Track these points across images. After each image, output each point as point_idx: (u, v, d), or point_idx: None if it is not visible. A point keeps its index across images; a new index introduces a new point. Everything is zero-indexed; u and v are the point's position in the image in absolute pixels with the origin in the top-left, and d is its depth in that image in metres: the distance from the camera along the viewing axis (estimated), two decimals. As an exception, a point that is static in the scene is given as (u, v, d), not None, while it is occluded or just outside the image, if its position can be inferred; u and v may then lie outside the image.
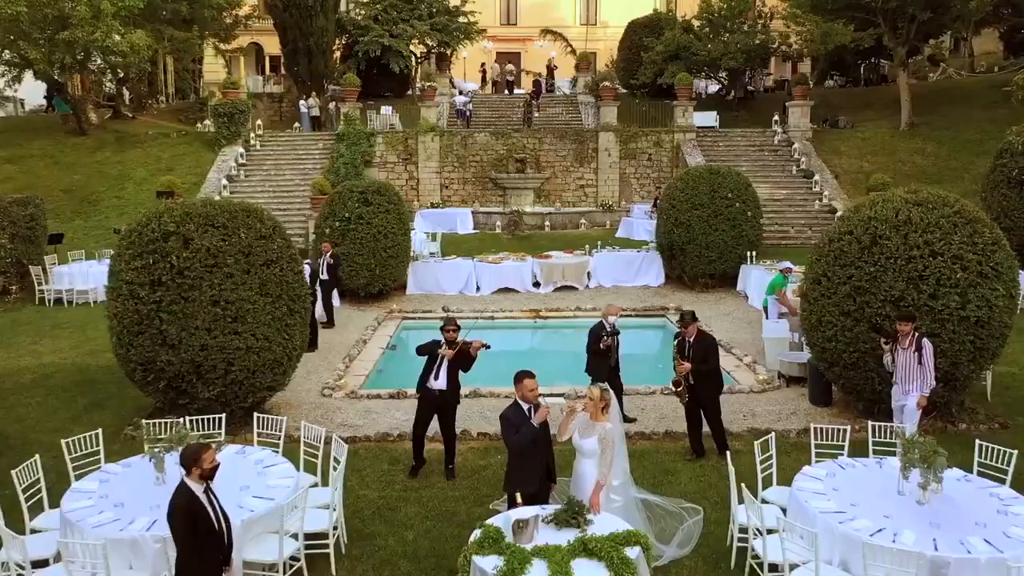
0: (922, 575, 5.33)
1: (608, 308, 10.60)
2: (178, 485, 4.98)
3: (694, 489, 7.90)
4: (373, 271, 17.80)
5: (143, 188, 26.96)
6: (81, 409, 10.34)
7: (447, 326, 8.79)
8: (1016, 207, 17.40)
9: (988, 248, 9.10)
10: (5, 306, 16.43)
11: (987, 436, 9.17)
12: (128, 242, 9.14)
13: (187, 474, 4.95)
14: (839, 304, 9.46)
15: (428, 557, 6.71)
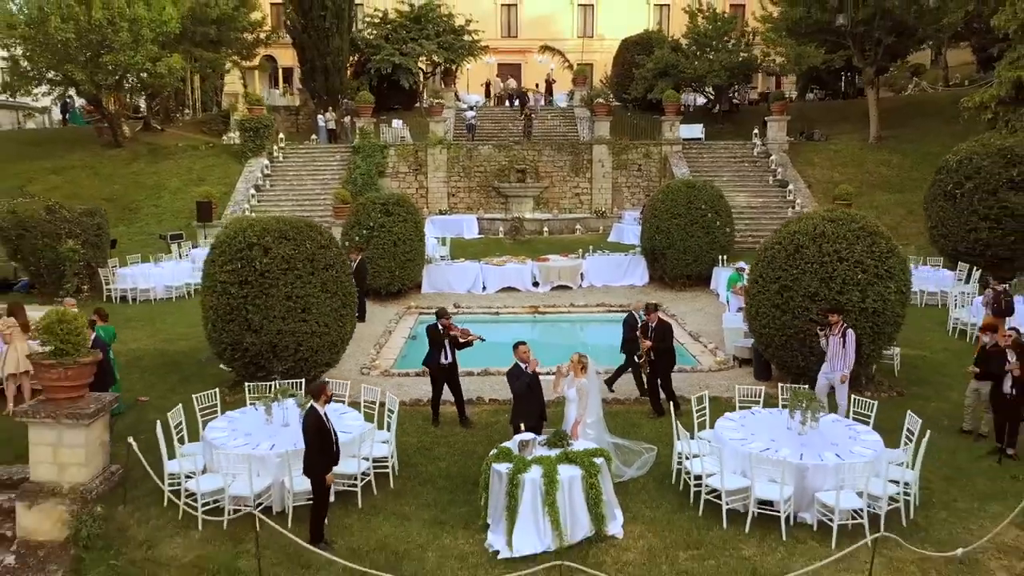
0: (789, 477, 8.03)
1: (637, 303, 13.07)
2: (309, 409, 7.68)
3: (653, 436, 10.56)
4: (393, 273, 20.50)
5: (178, 197, 29.68)
6: (175, 382, 13.01)
7: (443, 319, 11.47)
8: (951, 217, 20.07)
9: (883, 255, 11.79)
10: (79, 303, 19.04)
11: (885, 400, 11.92)
12: (220, 251, 11.81)
13: (316, 400, 7.65)
14: (771, 299, 12.16)
15: (456, 477, 9.40)
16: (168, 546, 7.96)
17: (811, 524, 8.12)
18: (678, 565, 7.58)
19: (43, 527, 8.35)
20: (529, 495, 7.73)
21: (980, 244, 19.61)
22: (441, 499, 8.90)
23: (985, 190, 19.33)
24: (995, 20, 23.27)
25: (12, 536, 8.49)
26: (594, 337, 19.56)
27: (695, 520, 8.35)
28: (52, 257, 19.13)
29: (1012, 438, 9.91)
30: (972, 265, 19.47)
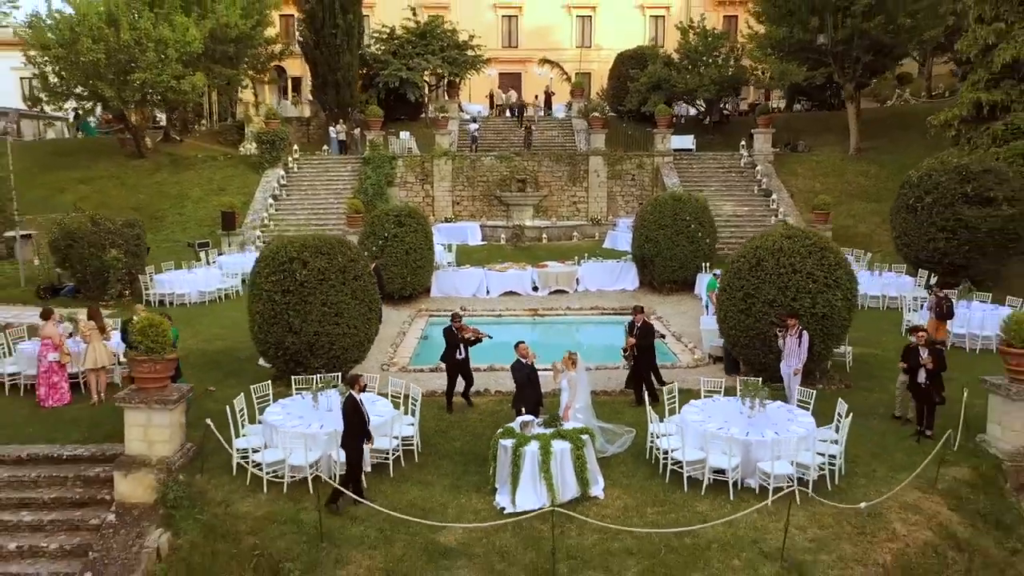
0: (737, 450, 10.03)
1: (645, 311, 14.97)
2: (348, 396, 9.68)
3: (633, 421, 12.53)
4: (405, 278, 22.52)
5: (200, 206, 31.69)
6: (223, 376, 14.98)
7: (455, 321, 13.49)
8: (912, 228, 22.08)
9: (832, 267, 13.80)
10: (122, 307, 21.08)
11: (834, 392, 13.92)
12: (265, 263, 13.81)
13: (352, 388, 9.65)
14: (736, 305, 14.17)
15: (469, 453, 11.40)
16: (242, 505, 9.97)
17: (754, 488, 10.14)
18: (646, 517, 9.59)
19: (136, 492, 10.35)
20: (529, 463, 9.74)
21: (938, 253, 21.63)
22: (456, 470, 10.92)
23: (943, 204, 21.34)
24: (958, 44, 25.27)
25: (110, 500, 10.49)
26: (588, 337, 21.61)
27: (662, 485, 10.36)
28: (97, 265, 21.17)
29: (930, 420, 11.91)
30: (930, 271, 21.50)
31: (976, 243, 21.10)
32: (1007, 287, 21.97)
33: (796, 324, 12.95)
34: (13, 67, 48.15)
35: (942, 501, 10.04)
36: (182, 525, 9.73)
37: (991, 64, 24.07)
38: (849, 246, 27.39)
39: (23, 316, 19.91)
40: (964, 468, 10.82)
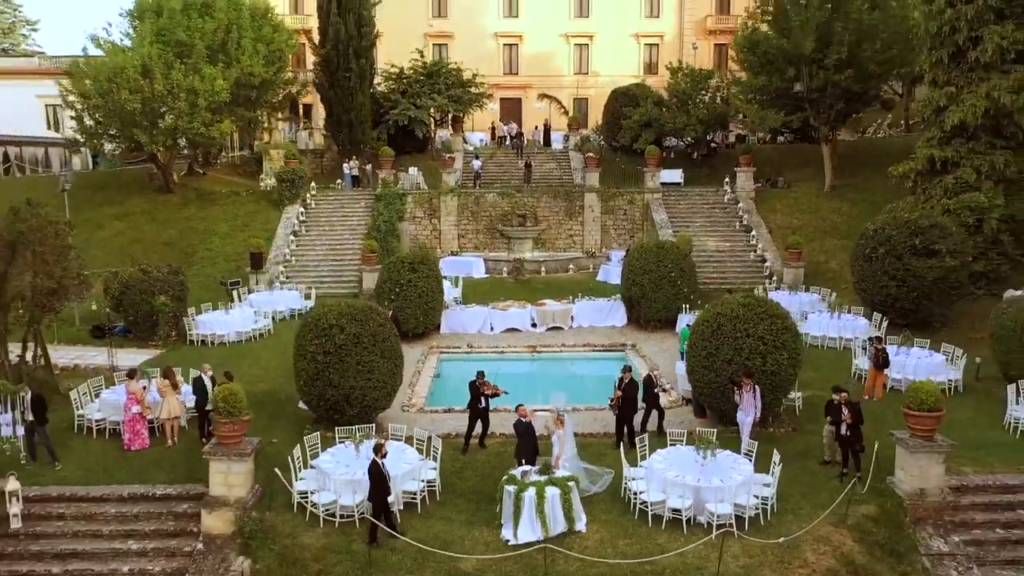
0: (690, 494, 12.86)
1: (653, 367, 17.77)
2: (372, 461, 12.49)
3: (612, 462, 15.35)
4: (418, 318, 25.36)
5: (227, 242, 34.51)
6: (269, 419, 17.75)
7: (480, 378, 16.27)
8: (868, 276, 24.90)
9: (779, 332, 16.62)
10: (170, 346, 23.93)
11: (783, 435, 16.76)
12: (308, 328, 16.64)
13: (376, 455, 12.47)
14: (700, 361, 17.00)
15: (480, 492, 14.22)
16: (305, 537, 12.80)
17: (703, 524, 12.96)
18: (618, 548, 12.42)
19: (218, 525, 13.17)
20: (527, 506, 12.56)
21: (890, 298, 24.45)
22: (471, 507, 13.75)
23: (894, 255, 24.15)
24: (915, 103, 28.02)
25: (197, 531, 13.31)
26: (581, 370, 24.49)
27: (632, 521, 13.20)
28: (147, 309, 24.00)
29: (856, 463, 14.72)
30: (883, 314, 24.34)
31: (923, 290, 23.92)
32: (954, 325, 24.93)
33: (750, 382, 15.78)
34: (38, 95, 51.03)
35: (849, 534, 12.86)
36: (259, 553, 12.56)
37: (943, 124, 26.82)
38: (819, 283, 30.41)
39: (86, 357, 22.76)
40: (872, 506, 13.64)
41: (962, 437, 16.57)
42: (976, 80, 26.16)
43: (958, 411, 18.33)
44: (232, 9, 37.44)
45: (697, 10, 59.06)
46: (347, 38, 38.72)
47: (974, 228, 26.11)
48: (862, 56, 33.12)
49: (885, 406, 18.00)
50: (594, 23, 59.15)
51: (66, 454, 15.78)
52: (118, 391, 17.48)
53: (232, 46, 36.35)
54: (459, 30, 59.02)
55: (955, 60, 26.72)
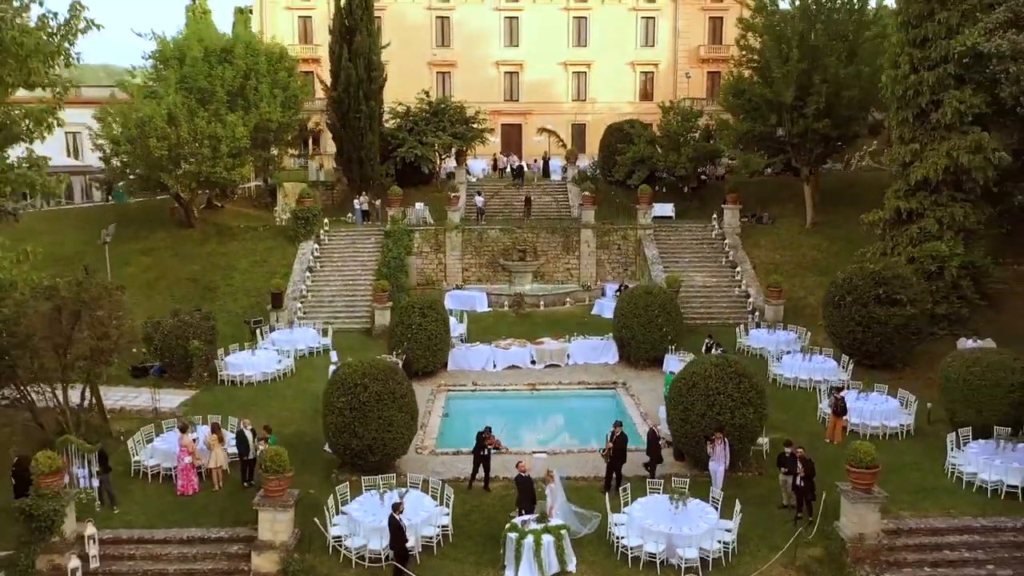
0: (663, 540, 15.31)
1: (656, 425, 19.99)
2: (391, 517, 14.92)
3: (599, 506, 17.79)
4: (428, 358, 27.82)
5: (248, 277, 36.95)
6: (299, 464, 20.09)
7: (487, 432, 18.71)
8: (837, 321, 27.36)
9: (746, 390, 19.06)
10: (203, 387, 26.38)
11: (750, 479, 19.21)
12: (336, 386, 19.08)
13: (395, 512, 14.93)
14: (678, 415, 19.46)
15: (487, 534, 16.67)
16: (340, 577, 15.28)
17: (675, 565, 15.40)
18: (602, 587, 14.90)
19: (266, 565, 15.62)
20: (527, 551, 15.01)
21: (857, 342, 26.90)
22: (478, 549, 16.20)
23: (860, 303, 26.59)
24: (884, 159, 30.47)
25: (248, 570, 15.77)
26: (576, 404, 26.99)
27: (615, 562, 15.65)
28: (181, 353, 26.45)
29: (808, 508, 17.16)
30: (851, 356, 26.81)
31: (886, 335, 26.37)
32: (917, 365, 27.35)
33: (721, 436, 18.24)
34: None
35: (796, 574, 15.30)
36: (303, 590, 15.03)
37: (909, 178, 29.25)
38: (799, 319, 32.85)
39: (128, 398, 25.17)
40: (819, 548, 16.10)
41: (906, 481, 19.16)
42: (938, 139, 28.59)
43: (907, 455, 20.89)
44: (250, 55, 39.93)
45: (690, 40, 61.59)
46: (357, 81, 41.17)
47: (936, 274, 28.60)
48: (839, 105, 35.58)
49: (842, 450, 20.45)
50: (591, 52, 61.67)
51: (127, 497, 18.24)
52: (168, 439, 19.95)
53: (251, 92, 38.81)
54: (461, 59, 61.56)
55: (919, 120, 29.14)
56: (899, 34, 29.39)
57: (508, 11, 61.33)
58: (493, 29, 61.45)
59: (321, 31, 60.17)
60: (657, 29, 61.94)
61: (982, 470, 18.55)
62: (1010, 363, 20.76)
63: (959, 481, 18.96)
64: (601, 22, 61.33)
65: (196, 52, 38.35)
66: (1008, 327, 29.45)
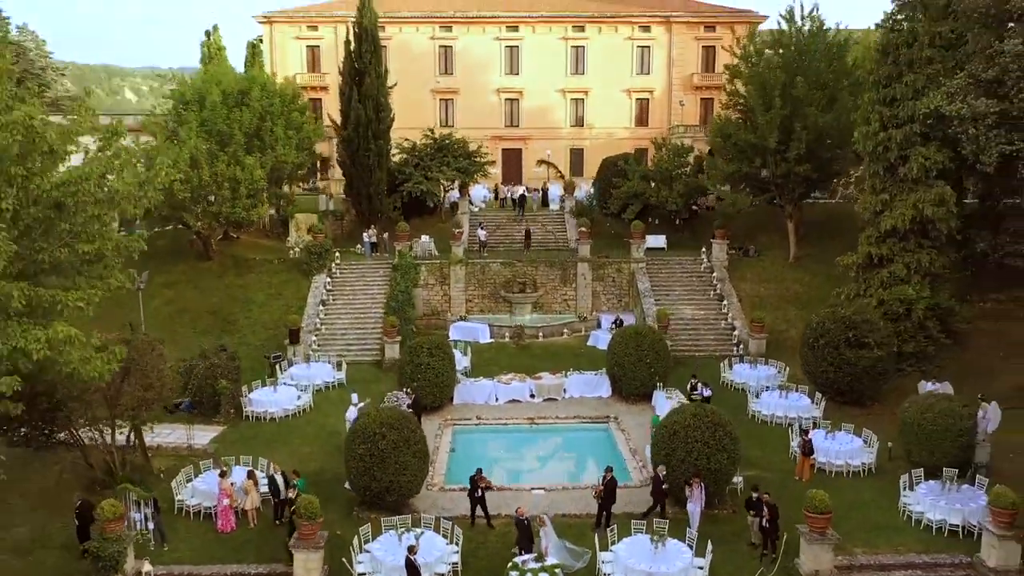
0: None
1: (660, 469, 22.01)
2: (407, 558, 17.35)
3: (590, 543, 20.19)
4: (435, 394, 30.24)
5: (265, 310, 39.35)
6: (323, 500, 22.45)
7: (478, 474, 21.12)
8: (811, 362, 29.76)
9: (721, 438, 21.48)
10: (230, 423, 28.80)
11: (725, 516, 21.63)
12: (357, 434, 21.49)
13: (409, 553, 17.36)
14: (662, 459, 21.87)
15: (491, 570, 19.10)
16: (365, 609, 17.70)
17: (655, 599, 17.86)
18: (591, 619, 17.33)
19: (301, 598, 18.05)
20: (526, 587, 17.47)
21: (830, 380, 29.31)
22: (484, 583, 18.66)
23: (831, 346, 28.98)
24: (857, 207, 32.92)
25: (284, 602, 18.19)
26: (572, 437, 29.41)
27: (602, 596, 18.10)
28: (210, 392, 28.87)
29: (773, 547, 19.58)
30: (824, 394, 29.24)
31: (855, 375, 28.78)
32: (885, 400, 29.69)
33: (698, 480, 20.67)
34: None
35: (759, 607, 17.73)
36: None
37: (879, 225, 31.65)
38: (781, 351, 35.27)
39: (163, 434, 27.49)
40: (780, 583, 18.54)
41: (864, 519, 21.58)
42: (906, 190, 31.01)
43: (867, 492, 23.30)
44: (265, 97, 42.35)
45: (684, 68, 64.06)
46: (366, 121, 43.60)
47: (904, 315, 31.02)
48: (819, 150, 38.01)
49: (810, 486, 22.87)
50: (589, 79, 64.21)
51: (174, 535, 20.65)
52: (207, 479, 22.39)
53: (266, 133, 41.23)
54: (464, 86, 64.10)
55: (888, 172, 31.56)
56: (871, 92, 31.78)
57: (509, 40, 63.83)
58: (494, 57, 63.99)
59: (328, 60, 62.94)
60: (652, 57, 64.41)
61: (928, 510, 20.95)
62: (959, 410, 23.21)
63: (909, 519, 21.35)
64: (598, 51, 63.85)
65: (215, 96, 40.72)
66: (971, 363, 31.88)
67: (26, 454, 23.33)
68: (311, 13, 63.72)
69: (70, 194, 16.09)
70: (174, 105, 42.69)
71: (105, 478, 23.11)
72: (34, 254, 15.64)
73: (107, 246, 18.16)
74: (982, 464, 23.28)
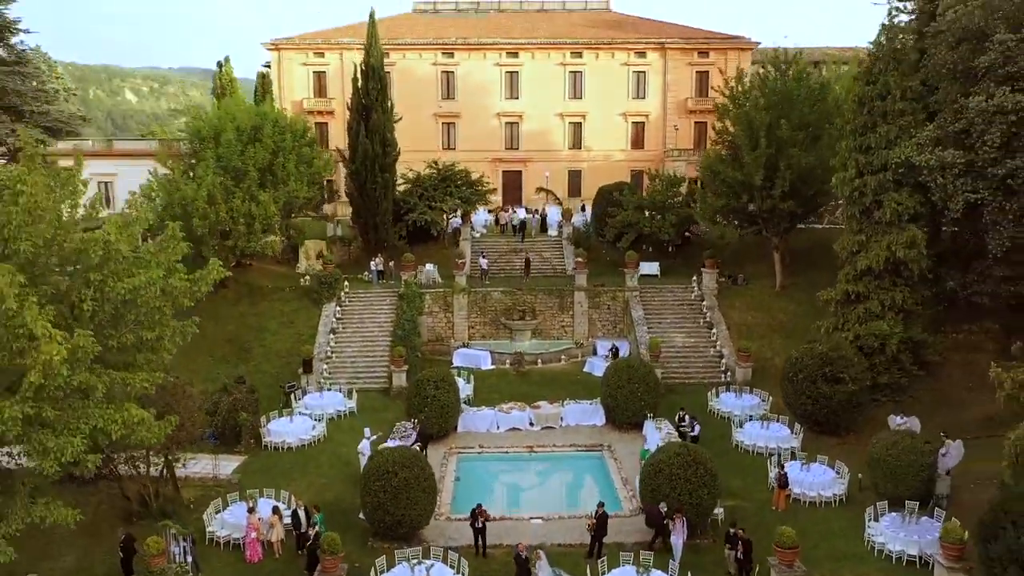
0: (631, 606, 19.99)
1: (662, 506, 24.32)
2: None
3: (582, 572, 22.38)
4: (440, 424, 32.44)
5: (278, 338, 41.52)
6: (341, 530, 24.64)
7: (479, 507, 23.33)
8: (791, 394, 31.90)
9: (702, 475, 23.68)
10: (250, 453, 30.99)
11: (706, 546, 23.84)
12: (372, 472, 23.69)
13: None
14: (649, 494, 24.07)
15: (494, 598, 21.34)
16: (382, 635, 19.91)
17: (639, 625, 20.06)
18: (583, 644, 19.55)
19: (324, 624, 20.26)
20: (525, 615, 19.68)
21: (808, 412, 31.50)
22: (488, 610, 20.86)
23: (809, 380, 31.15)
24: (836, 245, 35.10)
25: (309, 628, 20.42)
26: (568, 465, 31.64)
27: (593, 622, 20.31)
28: (232, 424, 31.06)
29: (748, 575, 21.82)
30: (803, 424, 31.45)
31: (831, 408, 30.95)
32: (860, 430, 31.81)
33: (680, 515, 22.87)
34: (93, 172, 58.12)
35: (732, 633, 19.92)
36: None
37: (856, 264, 33.81)
38: (766, 380, 37.42)
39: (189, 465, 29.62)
40: (753, 610, 20.73)
41: (832, 548, 23.78)
42: (880, 233, 33.14)
43: (837, 522, 25.49)
44: (276, 133, 44.54)
45: (679, 92, 66.18)
46: (373, 156, 45.79)
47: (879, 349, 33.16)
48: (803, 187, 40.20)
49: (785, 517, 25.13)
50: (586, 104, 66.33)
51: (207, 564, 22.86)
52: (234, 511, 24.62)
53: (279, 168, 43.43)
54: (465, 110, 66.27)
55: (864, 215, 33.68)
56: (848, 140, 33.95)
57: (509, 66, 65.95)
58: (495, 83, 66.10)
59: (334, 85, 65.22)
60: (647, 82, 66.49)
61: (890, 541, 23.14)
62: (921, 447, 25.42)
63: (872, 549, 23.53)
64: (595, 76, 65.95)
65: (229, 134, 42.89)
66: (943, 393, 34.03)
67: (67, 487, 25.51)
68: (317, 40, 65.82)
69: (139, 295, 18.51)
70: (190, 140, 44.84)
71: (140, 509, 25.36)
72: (104, 340, 17.91)
73: (166, 332, 20.44)
74: (942, 496, 25.47)
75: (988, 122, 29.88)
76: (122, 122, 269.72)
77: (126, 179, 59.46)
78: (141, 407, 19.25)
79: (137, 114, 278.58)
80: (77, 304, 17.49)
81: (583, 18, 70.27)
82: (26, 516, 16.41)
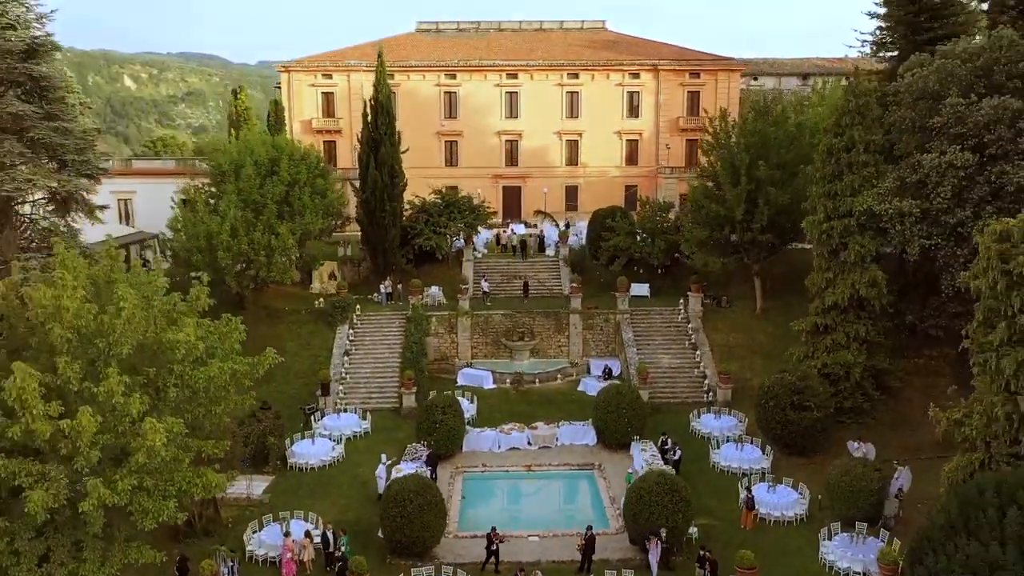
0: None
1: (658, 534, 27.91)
2: None
3: (574, 586, 26.00)
4: (448, 446, 36.02)
5: (297, 360, 44.94)
6: (361, 548, 28.28)
7: (493, 531, 26.92)
8: (763, 420, 35.45)
9: (678, 501, 27.24)
10: (278, 473, 34.55)
11: (681, 562, 27.45)
12: (390, 499, 27.24)
13: None
14: (631, 518, 27.64)
15: (497, 611, 24.95)
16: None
17: (620, 635, 23.66)
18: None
19: (352, 634, 23.88)
20: (523, 627, 23.29)
21: (778, 435, 35.05)
22: (492, 622, 24.47)
23: (779, 407, 34.68)
24: (807, 281, 38.52)
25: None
26: (562, 483, 35.28)
27: (581, 632, 23.92)
28: (261, 447, 34.60)
29: (716, 592, 25.42)
30: (774, 447, 35.02)
31: (799, 432, 34.50)
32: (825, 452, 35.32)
33: (655, 538, 26.45)
34: (112, 191, 61.45)
35: (698, 641, 23.54)
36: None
37: (824, 299, 37.27)
38: (745, 400, 40.84)
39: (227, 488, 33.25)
40: (718, 623, 24.34)
41: (788, 565, 27.37)
42: (845, 272, 36.57)
43: (796, 540, 29.09)
44: (292, 166, 47.81)
45: (671, 111, 69.30)
46: (382, 186, 49.11)
47: (844, 377, 36.68)
48: (780, 221, 43.58)
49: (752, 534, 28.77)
50: (583, 122, 69.49)
51: (248, 581, 26.51)
52: (270, 532, 28.22)
53: (295, 200, 46.77)
54: (467, 128, 69.44)
55: (832, 255, 37.10)
56: (818, 187, 37.29)
57: (508, 87, 69.02)
58: (495, 102, 69.20)
59: (342, 105, 68.35)
60: (641, 102, 69.59)
61: (839, 559, 26.73)
62: (871, 474, 29.01)
63: (825, 566, 27.12)
64: (591, 96, 69.06)
65: (249, 169, 46.15)
66: (903, 415, 37.54)
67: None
68: (325, 63, 68.81)
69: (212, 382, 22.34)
70: (212, 175, 48.12)
71: (186, 529, 28.90)
72: (182, 415, 21.49)
73: (229, 406, 24.20)
74: (889, 516, 29.07)
75: (941, 176, 33.24)
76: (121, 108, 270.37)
77: (144, 196, 63.69)
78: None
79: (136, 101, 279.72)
80: (162, 388, 21.20)
81: (580, 38, 73.10)
82: (123, 558, 20.02)
